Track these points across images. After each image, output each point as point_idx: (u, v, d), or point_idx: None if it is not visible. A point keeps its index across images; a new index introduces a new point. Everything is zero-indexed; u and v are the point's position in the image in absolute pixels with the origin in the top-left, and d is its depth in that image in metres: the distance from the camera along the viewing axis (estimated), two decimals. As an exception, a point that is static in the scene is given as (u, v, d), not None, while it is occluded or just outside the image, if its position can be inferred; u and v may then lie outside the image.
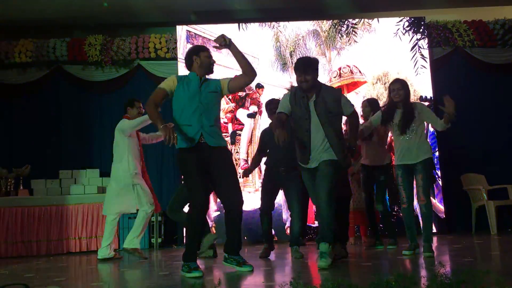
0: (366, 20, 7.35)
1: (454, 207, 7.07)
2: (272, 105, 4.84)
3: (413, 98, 6.01)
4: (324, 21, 7.40)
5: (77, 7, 7.12)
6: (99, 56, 7.29)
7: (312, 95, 3.89)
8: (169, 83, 3.77)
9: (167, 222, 6.93)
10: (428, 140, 4.57)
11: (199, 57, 3.79)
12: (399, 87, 4.42)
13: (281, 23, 7.34)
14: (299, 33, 7.37)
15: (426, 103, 6.53)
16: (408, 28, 7.29)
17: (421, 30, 7.28)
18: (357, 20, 7.35)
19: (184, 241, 5.62)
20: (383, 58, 7.20)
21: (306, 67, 3.85)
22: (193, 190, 3.58)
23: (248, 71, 3.73)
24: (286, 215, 6.61)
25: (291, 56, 7.31)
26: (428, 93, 7.12)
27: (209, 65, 3.80)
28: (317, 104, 3.87)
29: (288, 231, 6.07)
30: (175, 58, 7.28)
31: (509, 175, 7.15)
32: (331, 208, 3.70)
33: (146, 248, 6.60)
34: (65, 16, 7.41)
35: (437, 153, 6.93)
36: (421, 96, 6.99)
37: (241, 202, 3.68)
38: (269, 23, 7.36)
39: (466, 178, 6.98)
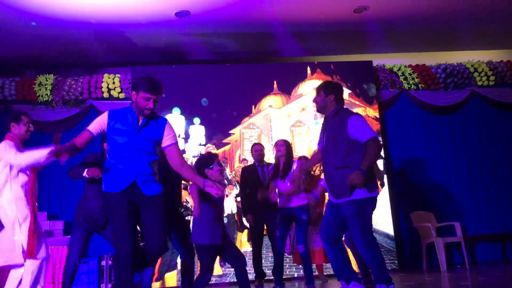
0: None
1: (405, 243, 7.22)
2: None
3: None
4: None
5: (28, 46, 7.01)
6: (49, 95, 7.15)
7: (327, 118, 3.75)
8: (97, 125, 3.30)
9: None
10: None
11: (137, 94, 3.23)
12: None
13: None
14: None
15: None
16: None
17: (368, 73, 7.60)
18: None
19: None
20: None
21: (318, 89, 3.79)
22: (120, 238, 3.13)
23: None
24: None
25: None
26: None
27: (142, 109, 3.23)
28: (326, 127, 3.73)
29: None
30: (128, 98, 7.24)
31: (457, 212, 7.42)
32: (370, 249, 3.49)
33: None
34: (15, 55, 7.27)
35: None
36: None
37: (158, 248, 3.25)
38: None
39: (415, 216, 7.16)
